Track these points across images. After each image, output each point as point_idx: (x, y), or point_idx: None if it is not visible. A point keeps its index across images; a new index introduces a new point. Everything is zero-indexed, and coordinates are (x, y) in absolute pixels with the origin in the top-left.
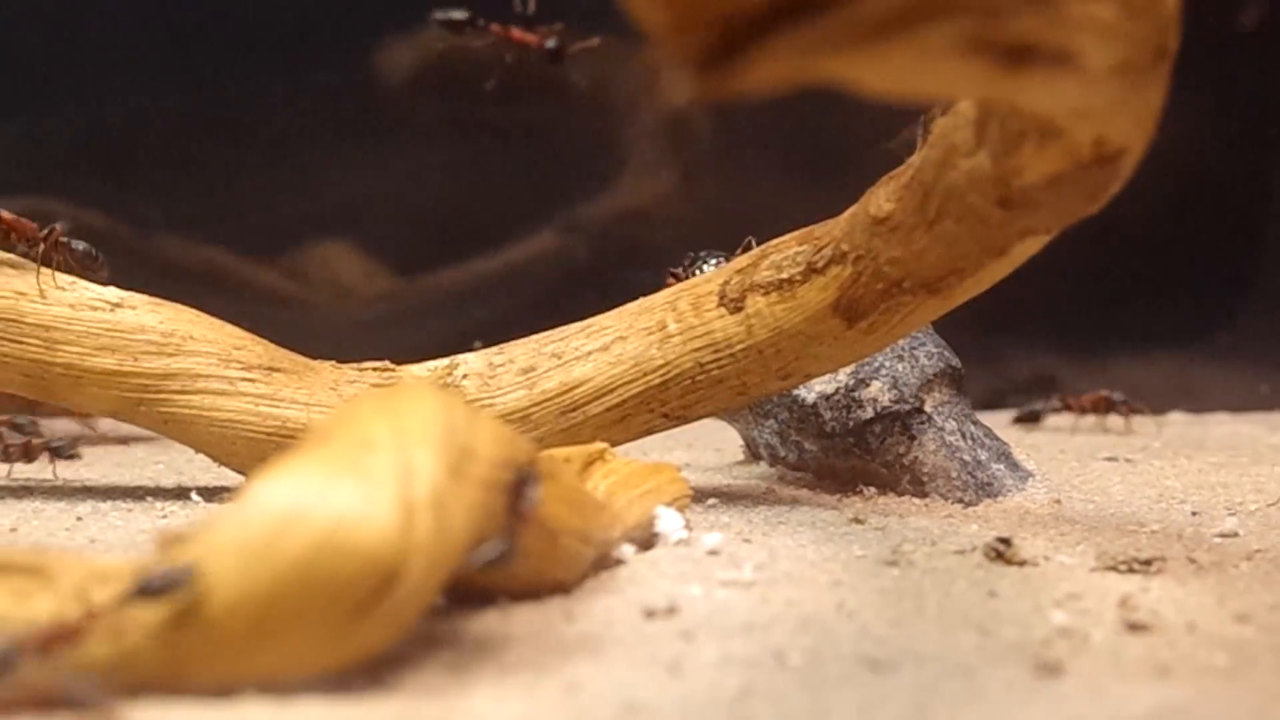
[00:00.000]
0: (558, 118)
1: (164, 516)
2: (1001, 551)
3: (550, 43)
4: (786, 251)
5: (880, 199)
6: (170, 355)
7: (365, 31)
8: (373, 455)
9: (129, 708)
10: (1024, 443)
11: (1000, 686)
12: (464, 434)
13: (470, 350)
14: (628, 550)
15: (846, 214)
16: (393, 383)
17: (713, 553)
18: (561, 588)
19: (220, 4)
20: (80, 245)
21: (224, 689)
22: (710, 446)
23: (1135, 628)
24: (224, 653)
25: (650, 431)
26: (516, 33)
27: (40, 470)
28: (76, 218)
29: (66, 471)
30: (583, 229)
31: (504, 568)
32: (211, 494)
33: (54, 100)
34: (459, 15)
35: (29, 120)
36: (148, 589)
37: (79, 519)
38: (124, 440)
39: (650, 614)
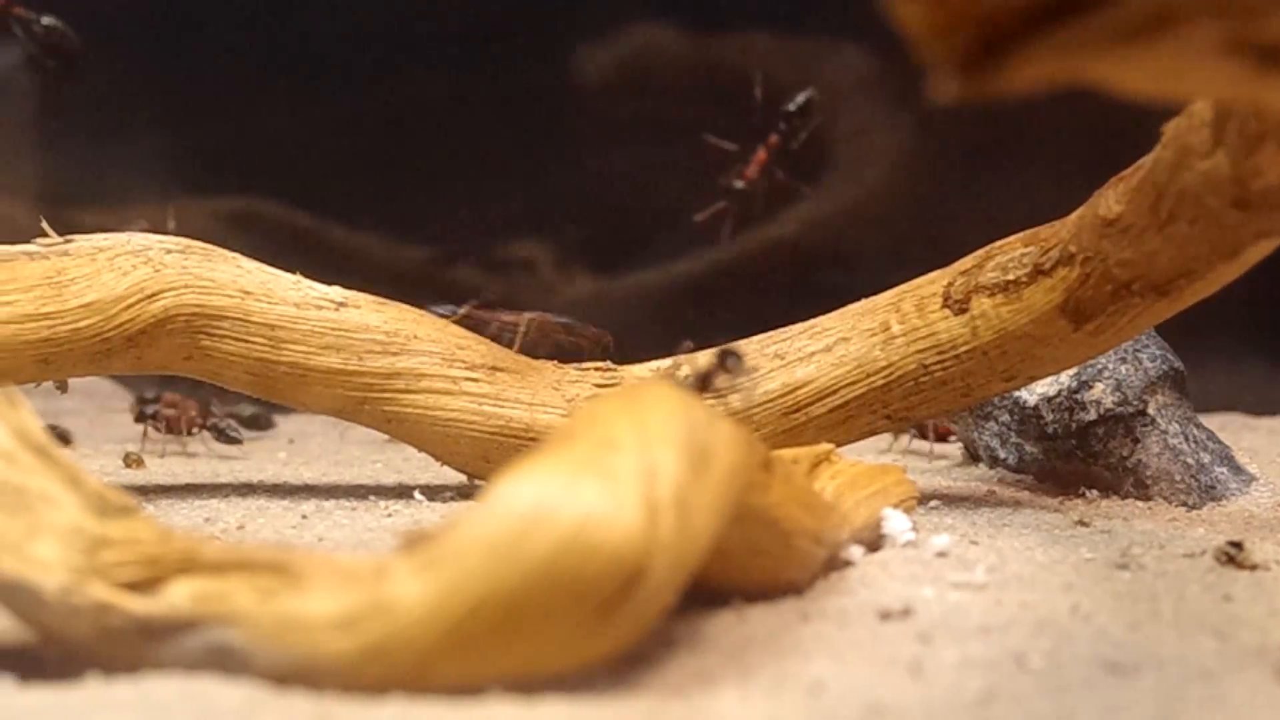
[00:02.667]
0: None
1: (389, 515)
2: (1233, 555)
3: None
4: (1012, 253)
5: (1110, 200)
6: (394, 354)
7: (564, 32)
8: (617, 455)
9: (378, 706)
10: (1242, 445)
11: (1244, 692)
12: (704, 434)
13: (679, 351)
14: (856, 552)
15: (1074, 215)
16: (615, 383)
17: (941, 554)
18: (794, 589)
19: (423, 7)
20: None
21: (469, 687)
22: (924, 448)
23: None
24: (470, 650)
25: (873, 433)
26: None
27: (260, 469)
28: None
29: (286, 470)
30: (786, 230)
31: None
32: (434, 493)
33: (266, 103)
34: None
35: (242, 122)
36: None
37: (304, 517)
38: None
39: (885, 615)
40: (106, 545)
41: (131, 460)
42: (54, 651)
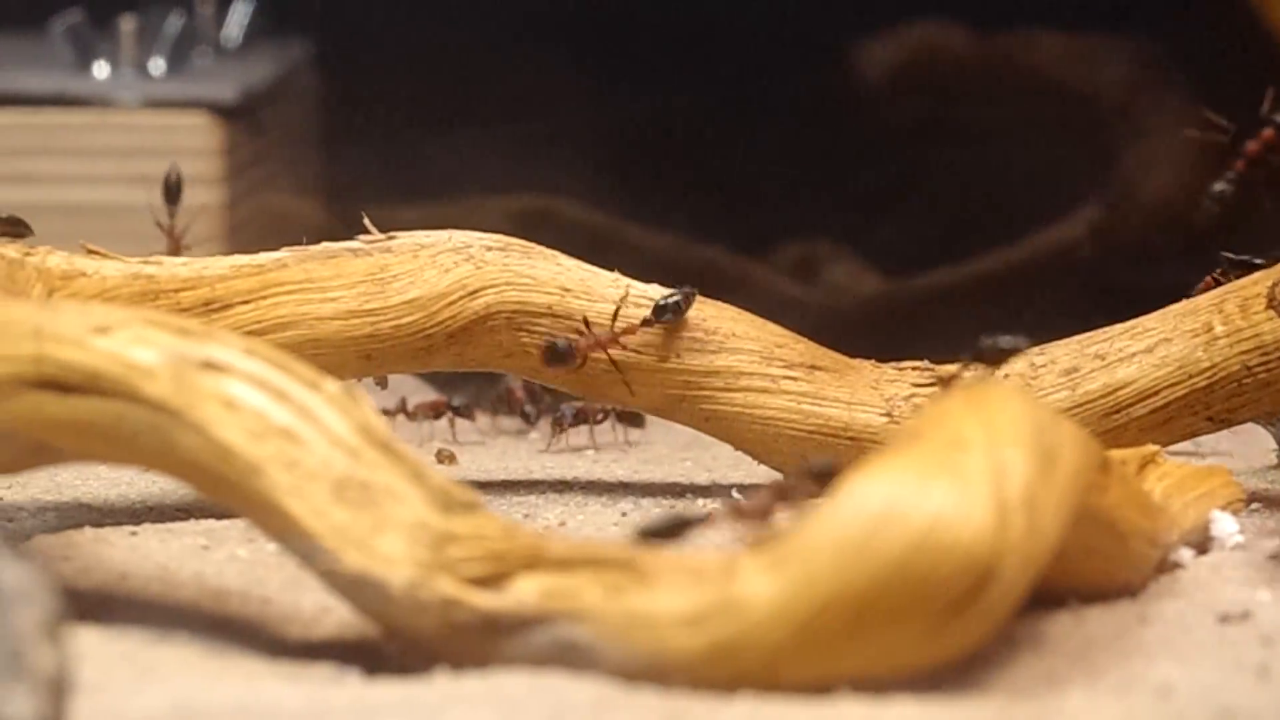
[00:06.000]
0: (1043, 117)
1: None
2: None
3: None
4: None
5: None
6: (713, 352)
7: (845, 29)
8: (965, 454)
9: (727, 705)
10: None
11: None
12: (1050, 434)
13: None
14: (1185, 554)
15: None
16: (933, 382)
17: (1274, 558)
18: (1128, 590)
19: (707, 7)
20: None
21: (818, 686)
22: (1231, 450)
23: None
24: (819, 649)
25: (1193, 435)
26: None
27: (571, 466)
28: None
29: (597, 467)
30: (1078, 229)
31: None
32: (750, 491)
33: (557, 101)
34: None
35: (543, 120)
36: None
37: (624, 514)
38: None
39: (1225, 619)
40: (452, 540)
41: (444, 456)
42: (397, 646)
